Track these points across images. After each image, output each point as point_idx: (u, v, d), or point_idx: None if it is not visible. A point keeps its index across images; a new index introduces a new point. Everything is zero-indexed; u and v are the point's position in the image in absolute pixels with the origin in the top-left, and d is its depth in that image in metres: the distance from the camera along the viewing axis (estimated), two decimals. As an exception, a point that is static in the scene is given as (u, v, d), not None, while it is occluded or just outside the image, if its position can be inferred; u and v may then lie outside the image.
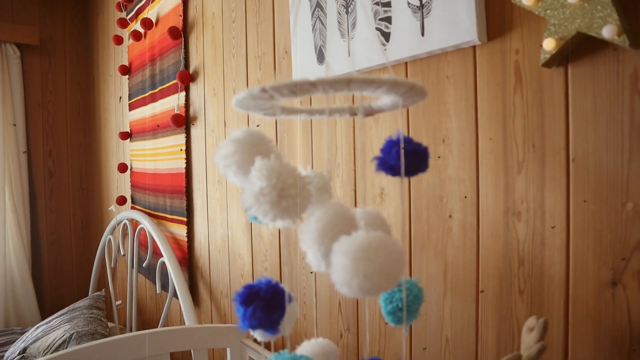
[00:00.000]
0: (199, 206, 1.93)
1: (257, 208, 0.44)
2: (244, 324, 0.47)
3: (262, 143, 0.50)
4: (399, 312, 0.57)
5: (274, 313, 0.48)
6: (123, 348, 1.39)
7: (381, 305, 0.59)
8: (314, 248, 0.50)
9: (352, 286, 0.43)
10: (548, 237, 0.81)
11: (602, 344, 0.76)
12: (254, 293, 0.48)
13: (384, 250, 0.44)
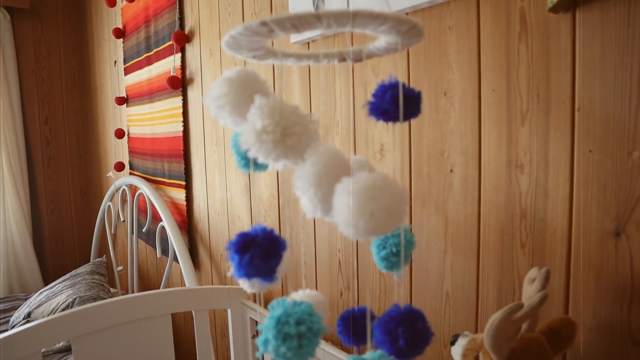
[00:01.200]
0: (197, 169, 1.91)
1: (259, 147, 0.42)
2: (239, 272, 0.46)
3: (257, 83, 0.48)
4: (392, 257, 0.56)
5: (271, 260, 0.47)
6: (125, 309, 1.40)
7: (373, 253, 0.59)
8: (310, 192, 0.49)
9: (358, 226, 0.42)
10: (551, 188, 0.79)
11: (603, 295, 0.75)
12: (249, 240, 0.47)
13: (389, 189, 0.43)
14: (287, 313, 0.42)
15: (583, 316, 0.78)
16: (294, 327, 0.41)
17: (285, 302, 0.46)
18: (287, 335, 0.41)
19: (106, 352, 1.39)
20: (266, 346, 0.42)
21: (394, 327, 0.48)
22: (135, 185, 2.34)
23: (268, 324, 0.42)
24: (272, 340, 0.41)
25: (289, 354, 0.40)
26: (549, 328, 0.75)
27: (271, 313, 0.43)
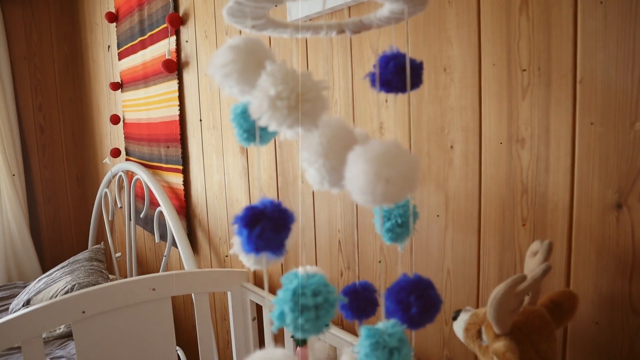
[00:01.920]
0: (195, 153, 1.90)
1: (272, 114, 0.41)
2: (248, 246, 0.45)
3: (263, 51, 0.47)
4: (397, 228, 0.56)
5: (282, 232, 0.46)
6: (125, 292, 1.40)
7: (377, 225, 0.58)
8: (318, 163, 0.48)
9: (375, 193, 0.41)
10: (552, 162, 0.79)
11: (605, 267, 0.75)
12: (258, 213, 0.46)
13: (403, 156, 0.42)
14: (303, 285, 0.41)
15: (584, 289, 0.78)
16: (310, 298, 0.40)
17: (299, 275, 0.45)
18: (304, 307, 0.40)
19: (107, 335, 1.40)
20: (282, 319, 0.41)
21: (405, 295, 0.48)
22: (132, 171, 2.32)
23: (284, 297, 0.41)
24: (289, 313, 0.40)
25: (307, 325, 0.40)
26: (551, 301, 0.75)
27: (286, 286, 0.42)
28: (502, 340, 0.69)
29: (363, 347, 0.44)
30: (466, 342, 0.80)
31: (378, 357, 0.43)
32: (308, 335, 0.42)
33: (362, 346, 0.44)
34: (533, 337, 0.71)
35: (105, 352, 1.40)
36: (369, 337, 0.44)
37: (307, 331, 0.41)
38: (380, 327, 0.45)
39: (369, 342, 0.43)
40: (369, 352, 0.43)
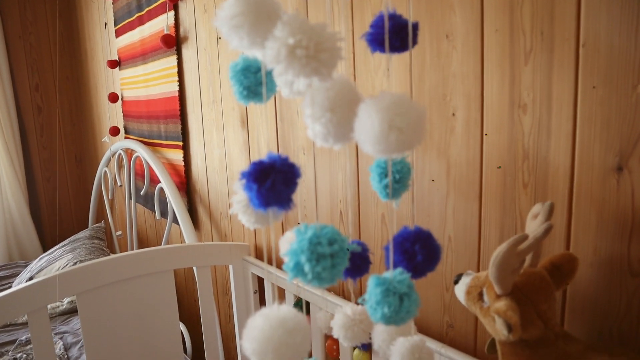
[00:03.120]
0: (195, 129, 1.90)
1: (290, 63, 0.41)
2: (258, 201, 0.45)
3: (272, 3, 0.47)
4: (395, 184, 0.57)
5: (291, 186, 0.47)
6: (128, 265, 1.41)
7: (374, 182, 0.59)
8: (325, 118, 0.48)
9: (388, 141, 0.42)
10: (554, 127, 0.80)
11: (605, 230, 0.76)
12: (268, 167, 0.46)
13: (413, 106, 0.43)
14: (318, 234, 0.42)
15: (583, 251, 0.79)
16: (327, 247, 0.41)
17: (312, 226, 0.46)
18: (321, 255, 0.41)
19: (111, 308, 1.41)
20: (297, 270, 0.42)
21: (409, 245, 0.49)
22: (132, 148, 2.32)
23: (300, 247, 0.42)
24: (307, 263, 0.41)
25: (324, 273, 0.41)
26: (551, 263, 0.77)
27: (299, 237, 0.43)
28: (504, 300, 0.70)
29: (374, 295, 0.45)
30: (467, 305, 0.81)
31: (390, 303, 0.44)
32: (325, 285, 0.42)
33: (372, 294, 0.45)
34: (533, 297, 0.72)
35: (110, 326, 1.42)
36: (378, 285, 0.45)
37: (324, 280, 0.42)
38: (388, 276, 0.46)
39: (379, 289, 0.44)
40: (380, 299, 0.44)
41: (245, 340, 0.45)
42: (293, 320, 0.46)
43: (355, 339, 0.68)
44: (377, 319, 0.45)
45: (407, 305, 0.44)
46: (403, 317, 0.44)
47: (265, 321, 0.45)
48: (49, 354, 1.30)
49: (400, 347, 0.52)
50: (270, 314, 0.46)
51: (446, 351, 0.97)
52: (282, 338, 0.44)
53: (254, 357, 0.45)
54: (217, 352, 1.63)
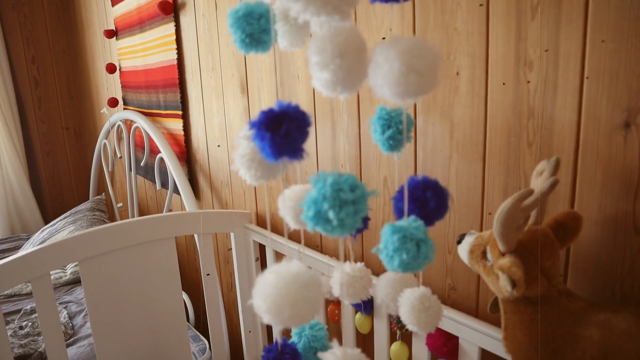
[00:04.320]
0: (194, 97, 1.88)
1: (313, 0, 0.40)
2: (271, 150, 0.44)
3: None
4: (398, 135, 0.56)
5: (305, 134, 0.46)
6: (130, 232, 1.41)
7: (376, 135, 0.58)
8: (335, 64, 0.47)
9: (407, 84, 0.41)
10: (561, 83, 0.78)
11: (610, 188, 0.75)
12: (280, 114, 0.45)
13: (429, 49, 0.42)
14: (338, 181, 0.41)
15: (588, 210, 0.79)
16: (349, 193, 0.40)
17: (330, 173, 0.44)
18: (343, 202, 0.40)
19: (113, 275, 1.42)
20: (318, 218, 0.41)
21: (421, 193, 0.48)
22: (131, 119, 2.30)
23: (321, 194, 0.40)
24: (331, 210, 0.40)
25: (348, 220, 0.40)
26: (555, 222, 0.76)
27: (318, 184, 0.42)
28: (508, 257, 0.70)
29: (391, 242, 0.44)
30: (470, 264, 0.81)
31: (408, 249, 0.43)
32: (346, 233, 0.42)
33: (389, 242, 0.44)
34: (537, 254, 0.72)
35: (113, 293, 1.42)
36: (395, 232, 0.44)
37: (347, 227, 0.41)
38: (402, 224, 0.46)
39: (397, 236, 0.44)
40: (398, 246, 0.44)
41: (257, 298, 0.44)
42: (307, 274, 0.45)
43: (356, 296, 0.68)
44: (394, 267, 0.44)
45: (425, 251, 0.43)
46: (420, 263, 0.44)
47: (278, 278, 0.44)
48: (53, 321, 1.31)
49: (410, 297, 0.52)
50: (282, 270, 0.45)
51: (448, 312, 0.97)
52: (299, 293, 0.44)
53: (268, 315, 0.44)
54: (220, 321, 1.65)
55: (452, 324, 0.96)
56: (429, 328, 0.53)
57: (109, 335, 1.43)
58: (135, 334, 1.48)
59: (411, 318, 0.53)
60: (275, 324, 0.44)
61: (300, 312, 0.44)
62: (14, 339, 1.74)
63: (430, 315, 0.52)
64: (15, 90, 3.24)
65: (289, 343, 0.61)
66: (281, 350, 0.57)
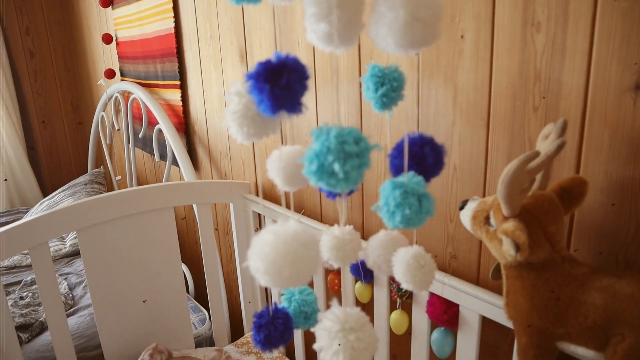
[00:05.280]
0: (192, 67, 1.84)
1: None
2: (271, 102, 0.42)
3: None
4: (392, 92, 0.55)
5: (304, 87, 0.44)
6: (129, 201, 1.40)
7: (369, 93, 0.57)
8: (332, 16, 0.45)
9: (413, 32, 0.39)
10: (569, 45, 0.76)
11: (617, 153, 0.74)
12: (279, 65, 0.42)
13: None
14: (342, 133, 0.39)
15: (594, 176, 0.77)
16: (353, 145, 0.39)
17: (332, 127, 0.43)
18: (348, 154, 0.38)
19: (111, 244, 1.41)
20: (322, 172, 0.39)
21: (419, 149, 0.46)
22: (128, 90, 2.27)
23: (325, 147, 0.39)
24: (337, 162, 0.38)
25: (353, 173, 0.38)
26: (560, 187, 0.75)
27: (321, 138, 0.40)
28: (512, 221, 0.69)
29: (393, 198, 0.43)
30: (473, 230, 0.80)
31: (410, 204, 0.42)
32: (350, 187, 0.40)
33: (391, 198, 0.43)
34: (542, 218, 0.71)
35: (111, 264, 1.42)
36: (397, 187, 0.43)
37: (352, 180, 0.39)
38: (402, 179, 0.44)
39: (399, 192, 0.42)
40: (400, 202, 0.42)
41: (254, 260, 0.43)
42: (305, 233, 0.44)
43: (346, 259, 0.67)
44: (396, 223, 0.43)
45: (427, 206, 0.42)
46: (422, 218, 0.42)
47: (276, 237, 0.43)
48: (52, 290, 1.31)
49: (404, 256, 0.51)
50: (280, 230, 0.44)
51: (449, 280, 0.97)
52: (298, 252, 0.42)
53: (266, 276, 0.42)
54: (220, 292, 1.65)
55: (452, 291, 0.96)
56: (424, 286, 0.52)
57: (108, 305, 1.44)
58: (135, 304, 1.49)
59: (407, 277, 0.52)
60: (274, 286, 0.43)
61: (300, 271, 0.43)
62: (15, 309, 1.74)
63: (426, 273, 0.51)
64: (10, 62, 3.19)
65: (280, 308, 0.60)
66: (273, 315, 0.57)
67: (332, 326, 0.44)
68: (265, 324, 0.56)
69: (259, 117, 0.49)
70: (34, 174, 3.29)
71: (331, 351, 0.44)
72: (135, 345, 1.49)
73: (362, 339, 0.43)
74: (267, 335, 0.55)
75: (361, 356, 0.43)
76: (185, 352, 1.54)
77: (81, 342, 1.56)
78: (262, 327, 0.56)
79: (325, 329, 0.44)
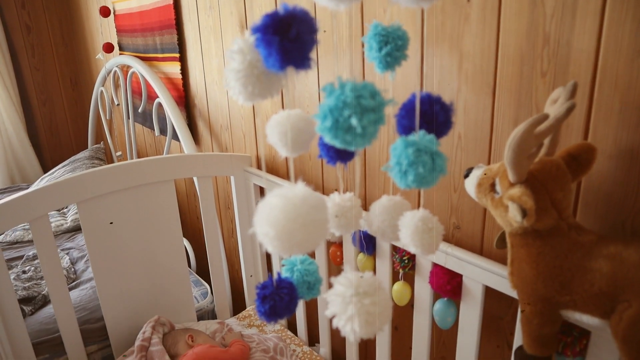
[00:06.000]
0: (192, 38, 1.81)
1: None
2: (279, 56, 0.39)
3: None
4: (395, 52, 0.53)
5: (314, 40, 0.41)
6: (128, 173, 1.39)
7: (372, 53, 0.56)
8: None
9: None
10: (581, 5, 0.73)
11: (628, 118, 0.72)
12: (288, 17, 0.40)
13: None
14: (358, 87, 0.38)
15: (603, 142, 0.75)
16: (370, 99, 0.37)
17: (347, 81, 0.41)
18: (365, 108, 0.37)
19: (112, 217, 1.40)
20: (337, 128, 0.37)
21: (428, 107, 0.45)
22: (127, 64, 2.24)
23: (340, 102, 0.37)
24: (355, 116, 0.36)
25: (371, 128, 0.37)
26: (568, 154, 0.73)
27: (335, 93, 0.38)
28: (518, 187, 0.68)
29: (405, 156, 0.41)
30: (478, 198, 0.78)
31: (424, 162, 0.41)
32: (366, 144, 0.38)
33: (403, 156, 0.42)
34: (549, 185, 0.69)
35: (112, 237, 1.41)
36: (409, 145, 0.41)
37: (368, 136, 0.38)
38: (414, 138, 0.43)
39: (411, 150, 0.41)
40: (413, 160, 0.41)
41: (261, 225, 0.41)
42: (314, 196, 0.42)
43: (348, 227, 0.66)
44: (408, 183, 0.41)
45: (440, 164, 0.41)
46: (435, 177, 0.41)
47: (285, 201, 0.40)
48: (53, 263, 1.30)
49: (412, 219, 0.50)
50: (288, 193, 0.42)
51: (453, 250, 0.96)
52: (309, 214, 0.40)
53: (275, 242, 0.40)
54: (221, 265, 1.65)
55: (455, 261, 0.95)
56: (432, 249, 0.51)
57: (110, 278, 1.43)
58: (136, 276, 1.49)
59: (415, 240, 0.51)
60: (284, 251, 0.41)
61: (312, 235, 0.41)
62: (18, 282, 1.75)
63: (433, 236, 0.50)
64: (7, 37, 3.14)
65: (284, 278, 0.58)
66: (277, 285, 0.55)
67: (346, 291, 0.42)
68: (270, 295, 0.54)
69: (265, 75, 0.46)
70: (33, 150, 3.28)
71: (345, 316, 0.42)
72: (137, 318, 1.50)
73: (377, 303, 0.42)
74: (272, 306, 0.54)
75: (376, 321, 0.42)
76: (187, 324, 1.54)
77: (84, 315, 1.57)
78: (266, 297, 0.54)
79: (339, 294, 0.43)
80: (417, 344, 1.12)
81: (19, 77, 3.24)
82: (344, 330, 0.42)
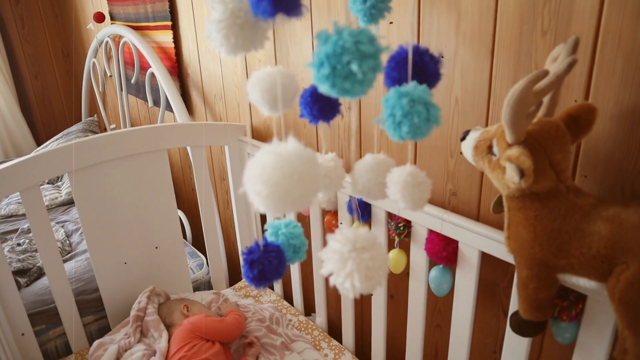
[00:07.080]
0: (184, 5, 1.76)
1: None
2: (272, 1, 0.37)
3: None
4: (380, 4, 0.52)
5: None
6: (120, 142, 1.36)
7: (354, 7, 0.55)
8: None
9: None
10: (584, -41, 0.70)
11: (630, 78, 0.70)
12: None
13: None
14: (354, 33, 0.35)
15: (604, 103, 0.73)
16: (368, 45, 0.35)
17: (343, 27, 0.38)
18: (364, 54, 0.35)
19: (105, 187, 1.38)
20: (335, 76, 0.35)
21: (419, 57, 0.43)
22: (119, 34, 2.18)
23: (338, 47, 0.35)
24: (353, 63, 0.34)
25: (370, 75, 0.35)
26: (568, 115, 0.71)
27: (331, 39, 0.36)
28: (516, 147, 0.66)
29: (399, 107, 0.40)
30: (475, 161, 0.77)
31: (419, 112, 0.39)
32: (365, 92, 0.36)
33: (397, 107, 0.40)
34: (547, 145, 0.67)
35: (106, 208, 1.40)
36: (403, 96, 0.39)
37: (367, 83, 0.36)
38: (407, 89, 0.41)
39: (406, 100, 0.39)
40: (408, 110, 0.39)
41: (254, 183, 0.38)
42: (307, 151, 0.40)
43: (332, 187, 0.64)
44: (402, 134, 0.40)
45: (434, 114, 0.39)
46: (429, 127, 0.39)
47: (278, 157, 0.38)
48: (46, 232, 1.29)
49: (401, 174, 0.48)
50: (280, 149, 0.39)
51: (449, 217, 0.94)
52: (305, 169, 0.38)
53: (269, 201, 0.38)
54: (217, 236, 1.64)
55: (451, 227, 0.94)
56: (421, 204, 0.49)
57: (104, 249, 1.42)
58: (131, 247, 1.48)
59: (405, 195, 0.49)
60: (279, 210, 0.39)
61: (308, 191, 0.39)
62: (12, 254, 1.74)
63: (423, 191, 0.49)
64: (-6, 7, 3.07)
65: (270, 242, 0.57)
66: (264, 250, 0.54)
67: (343, 247, 0.41)
68: (257, 259, 0.53)
69: (248, 25, 0.44)
70: (26, 124, 3.23)
71: (344, 273, 0.41)
72: (133, 289, 1.50)
73: (376, 257, 0.41)
74: (261, 270, 0.53)
75: (376, 275, 0.41)
76: (183, 295, 1.54)
77: (79, 286, 1.56)
78: (254, 262, 0.53)
79: (336, 251, 0.41)
80: (412, 312, 1.12)
81: (9, 50, 3.18)
82: (343, 287, 0.40)
